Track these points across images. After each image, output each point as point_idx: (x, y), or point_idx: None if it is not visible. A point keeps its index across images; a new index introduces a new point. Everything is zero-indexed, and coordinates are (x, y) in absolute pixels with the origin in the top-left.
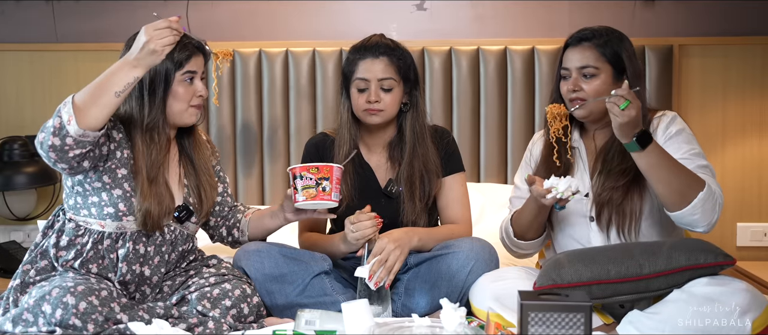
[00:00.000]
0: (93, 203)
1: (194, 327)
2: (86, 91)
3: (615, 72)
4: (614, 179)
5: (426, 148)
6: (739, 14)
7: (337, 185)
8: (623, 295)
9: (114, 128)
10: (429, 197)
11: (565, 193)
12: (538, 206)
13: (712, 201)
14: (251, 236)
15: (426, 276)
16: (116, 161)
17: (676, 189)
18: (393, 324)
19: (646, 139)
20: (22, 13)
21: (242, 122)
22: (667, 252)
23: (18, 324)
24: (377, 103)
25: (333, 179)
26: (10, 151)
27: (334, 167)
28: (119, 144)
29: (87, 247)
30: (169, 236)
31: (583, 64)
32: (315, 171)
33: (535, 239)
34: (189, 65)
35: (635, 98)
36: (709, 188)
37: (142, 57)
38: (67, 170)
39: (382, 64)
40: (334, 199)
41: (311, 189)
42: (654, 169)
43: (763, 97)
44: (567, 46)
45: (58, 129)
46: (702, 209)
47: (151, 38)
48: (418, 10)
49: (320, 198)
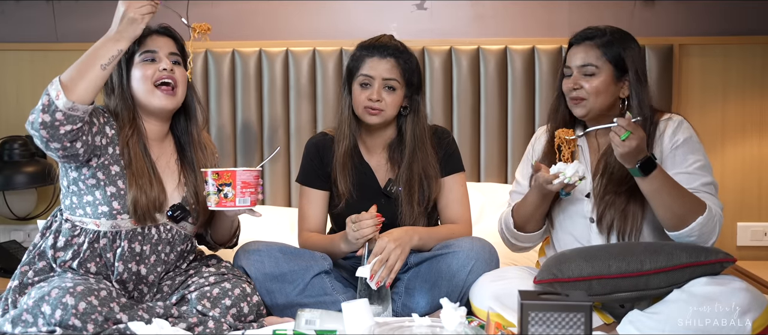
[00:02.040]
0: (88, 202)
1: (194, 326)
2: (72, 68)
3: (616, 72)
4: (616, 183)
5: (425, 152)
6: (739, 14)
7: (244, 189)
8: (623, 292)
9: (107, 124)
10: (428, 201)
11: (573, 178)
12: (541, 196)
13: (711, 225)
14: (212, 235)
15: (426, 275)
16: (108, 157)
17: (676, 213)
18: (393, 323)
19: (649, 166)
20: (23, 13)
21: (242, 122)
22: (668, 249)
23: (17, 324)
24: (379, 102)
25: (236, 185)
26: (10, 151)
27: (238, 172)
28: (111, 140)
29: (83, 247)
30: (164, 235)
31: (584, 62)
32: (216, 177)
33: (534, 231)
34: (147, 45)
35: (637, 128)
36: (710, 212)
37: (122, 29)
38: (59, 151)
39: (389, 64)
40: (240, 205)
41: (213, 195)
42: (656, 194)
43: (763, 97)
44: (571, 44)
45: (47, 106)
46: (699, 232)
47: (129, 7)
48: (418, 9)
49: (223, 205)
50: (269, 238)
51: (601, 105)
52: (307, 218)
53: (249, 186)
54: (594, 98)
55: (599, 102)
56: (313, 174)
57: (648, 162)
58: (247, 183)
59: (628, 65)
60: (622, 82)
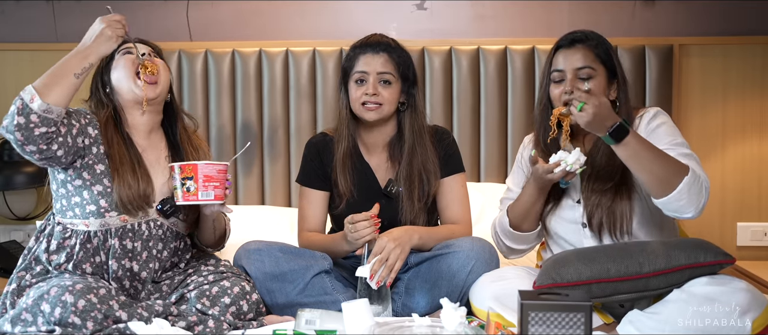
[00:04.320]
0: (76, 203)
1: (194, 325)
2: (44, 77)
3: (608, 73)
4: (602, 182)
5: (424, 148)
6: (739, 14)
7: (206, 183)
8: (623, 294)
9: (89, 125)
10: (428, 197)
11: (574, 166)
12: (539, 189)
13: (698, 186)
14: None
15: (426, 275)
16: (92, 156)
17: (659, 176)
18: (393, 323)
19: (620, 132)
20: (23, 13)
21: (242, 122)
22: (666, 250)
23: (17, 324)
24: (375, 96)
25: (198, 178)
26: (10, 151)
27: (199, 165)
28: (95, 140)
29: (76, 248)
30: (155, 232)
31: (581, 64)
32: (179, 171)
33: (530, 231)
34: (124, 46)
35: (590, 97)
36: (694, 173)
37: (96, 45)
38: (36, 154)
39: (382, 59)
40: (203, 198)
41: (178, 189)
42: (634, 159)
43: (763, 97)
44: (558, 48)
45: (21, 109)
46: (688, 194)
47: (109, 25)
48: (418, 9)
49: (186, 199)
50: (269, 238)
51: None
52: (307, 219)
53: (212, 180)
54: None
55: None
56: (313, 175)
57: (619, 128)
58: (209, 177)
59: (616, 67)
60: (613, 84)
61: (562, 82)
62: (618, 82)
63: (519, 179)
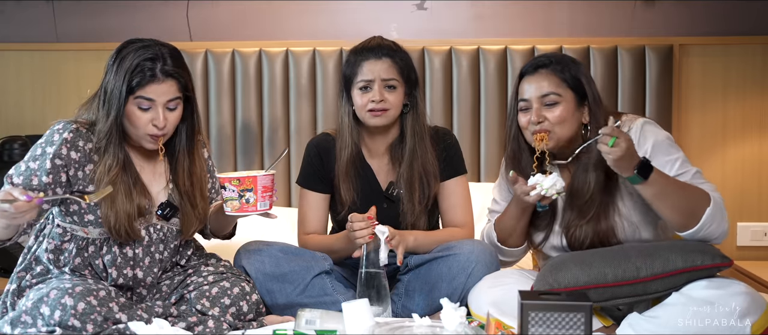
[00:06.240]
0: (74, 211)
1: (194, 325)
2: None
3: (577, 97)
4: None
5: (425, 149)
6: (739, 14)
7: (264, 193)
8: (621, 298)
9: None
10: (428, 199)
11: (550, 191)
12: (521, 209)
13: (721, 212)
14: (212, 229)
15: (426, 277)
16: (80, 181)
17: (685, 210)
18: (393, 323)
19: (646, 169)
20: (23, 13)
21: (242, 122)
22: (663, 254)
23: (17, 326)
24: (382, 102)
25: (257, 189)
26: (10, 151)
27: (259, 177)
28: (90, 180)
29: (73, 253)
30: (156, 235)
31: (544, 92)
32: (236, 183)
33: (516, 247)
34: (142, 91)
35: (621, 132)
36: (714, 199)
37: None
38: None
39: (386, 64)
40: (261, 209)
41: (234, 201)
42: (662, 196)
43: (763, 97)
44: (523, 76)
45: None
46: (711, 223)
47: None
48: (418, 9)
49: (244, 210)
50: (269, 238)
51: (567, 134)
52: (308, 222)
53: (268, 190)
54: (560, 128)
55: (566, 131)
56: (313, 177)
57: (645, 166)
58: (266, 187)
59: (585, 88)
60: (583, 108)
61: (529, 111)
62: (588, 105)
63: (504, 192)
